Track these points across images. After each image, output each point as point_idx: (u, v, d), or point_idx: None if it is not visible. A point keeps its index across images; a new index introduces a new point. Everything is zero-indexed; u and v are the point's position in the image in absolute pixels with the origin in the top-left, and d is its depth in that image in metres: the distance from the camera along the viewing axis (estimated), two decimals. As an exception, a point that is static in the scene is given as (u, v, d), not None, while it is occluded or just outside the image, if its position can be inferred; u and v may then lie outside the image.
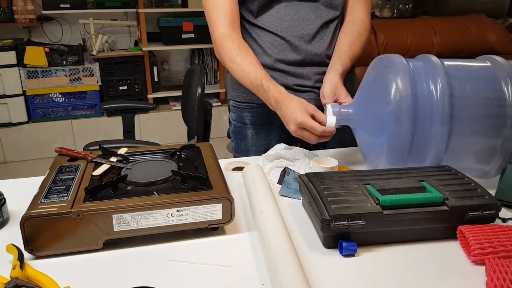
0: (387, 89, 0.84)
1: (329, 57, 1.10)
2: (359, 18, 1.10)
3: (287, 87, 1.07)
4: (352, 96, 1.00)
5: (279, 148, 1.00)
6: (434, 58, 0.88)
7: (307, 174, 0.81)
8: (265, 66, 1.06)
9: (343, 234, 0.70)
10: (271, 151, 0.99)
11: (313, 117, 0.93)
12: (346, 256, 0.69)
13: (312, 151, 0.98)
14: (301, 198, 0.85)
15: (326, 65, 1.08)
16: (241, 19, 1.09)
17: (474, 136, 0.85)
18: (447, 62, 0.88)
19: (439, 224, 0.73)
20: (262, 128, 1.18)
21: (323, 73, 1.07)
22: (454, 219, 0.72)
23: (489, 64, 0.90)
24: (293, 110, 0.92)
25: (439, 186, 0.77)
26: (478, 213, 0.72)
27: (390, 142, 0.85)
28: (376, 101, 0.88)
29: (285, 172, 0.87)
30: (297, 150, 0.98)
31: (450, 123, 0.83)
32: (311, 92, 1.12)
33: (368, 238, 0.72)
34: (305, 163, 0.95)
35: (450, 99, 0.83)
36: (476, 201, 0.73)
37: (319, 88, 1.06)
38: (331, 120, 0.92)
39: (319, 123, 0.92)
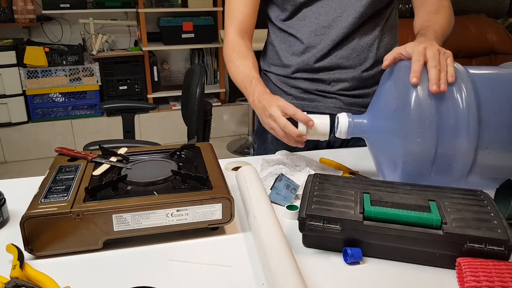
0: (407, 98, 0.75)
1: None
2: (431, 1, 1.07)
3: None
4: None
5: (280, 154, 1.00)
6: (458, 66, 0.80)
7: (314, 174, 0.80)
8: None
9: (322, 237, 0.68)
10: (272, 157, 0.99)
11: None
12: (351, 264, 0.67)
13: (314, 159, 0.97)
14: None
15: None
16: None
17: (505, 152, 0.76)
18: (472, 70, 0.80)
19: (432, 249, 0.66)
20: None
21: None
22: (450, 247, 0.64)
23: None
24: (270, 103, 0.90)
25: (449, 209, 0.68)
26: (480, 246, 0.62)
27: (409, 157, 0.76)
28: (393, 111, 0.80)
29: (278, 178, 0.85)
30: (298, 157, 0.97)
31: (478, 135, 0.74)
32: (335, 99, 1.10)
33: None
34: (306, 170, 0.94)
35: (477, 108, 0.74)
36: (481, 233, 0.62)
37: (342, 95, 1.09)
38: (301, 127, 0.87)
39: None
